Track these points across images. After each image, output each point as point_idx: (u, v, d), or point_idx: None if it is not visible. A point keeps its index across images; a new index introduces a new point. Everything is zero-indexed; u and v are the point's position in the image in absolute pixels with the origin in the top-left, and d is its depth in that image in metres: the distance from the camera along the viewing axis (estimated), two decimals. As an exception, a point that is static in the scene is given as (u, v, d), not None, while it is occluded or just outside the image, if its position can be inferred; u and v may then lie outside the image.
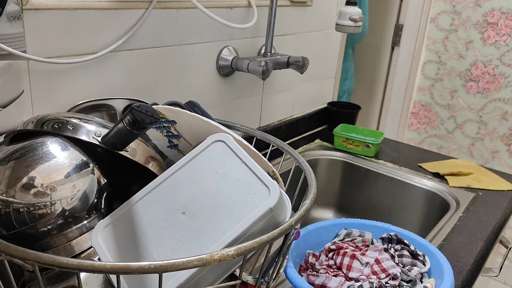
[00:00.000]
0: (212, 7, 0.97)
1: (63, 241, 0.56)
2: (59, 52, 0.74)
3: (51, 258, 0.41)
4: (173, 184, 0.57)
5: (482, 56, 2.03)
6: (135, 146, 0.61)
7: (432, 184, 1.17)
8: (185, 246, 0.52)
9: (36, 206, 0.53)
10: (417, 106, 2.28)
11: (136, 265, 0.42)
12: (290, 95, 1.33)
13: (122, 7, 0.80)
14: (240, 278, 0.51)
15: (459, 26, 2.06)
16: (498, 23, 1.96)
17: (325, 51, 1.42)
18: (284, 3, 1.18)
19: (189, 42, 0.96)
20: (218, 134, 0.60)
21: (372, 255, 0.76)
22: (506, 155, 2.09)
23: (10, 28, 0.66)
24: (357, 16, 1.10)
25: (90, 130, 0.59)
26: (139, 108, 0.49)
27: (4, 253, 0.42)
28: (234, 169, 0.56)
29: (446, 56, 2.13)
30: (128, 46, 0.84)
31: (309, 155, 1.31)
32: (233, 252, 0.45)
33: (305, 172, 0.67)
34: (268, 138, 0.77)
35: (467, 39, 2.05)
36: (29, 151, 0.56)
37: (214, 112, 1.08)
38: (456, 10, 2.05)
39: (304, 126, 1.42)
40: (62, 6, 0.72)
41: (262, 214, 0.51)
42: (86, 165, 0.58)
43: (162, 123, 0.69)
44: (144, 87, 0.90)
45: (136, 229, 0.55)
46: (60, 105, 0.77)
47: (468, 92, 2.11)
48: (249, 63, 1.01)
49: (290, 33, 1.23)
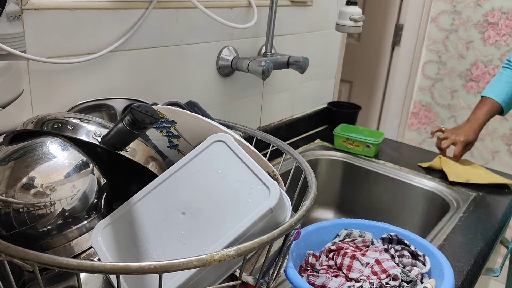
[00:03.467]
0: (212, 7, 0.97)
1: (63, 241, 0.56)
2: (59, 52, 0.74)
3: (51, 259, 0.41)
4: (173, 184, 0.57)
5: (483, 56, 2.03)
6: (135, 146, 0.61)
7: (432, 184, 1.17)
8: (185, 246, 0.52)
9: (36, 206, 0.53)
10: (418, 106, 2.28)
11: (136, 265, 0.42)
12: (290, 95, 1.33)
13: (122, 7, 0.80)
14: (240, 279, 0.51)
15: (460, 26, 2.06)
16: (499, 23, 1.96)
17: (325, 51, 1.42)
18: (284, 3, 1.18)
19: (189, 42, 0.95)
20: (218, 134, 0.60)
21: (372, 256, 0.76)
22: (506, 155, 2.09)
23: (10, 28, 0.66)
24: (357, 16, 1.10)
25: (90, 130, 0.58)
26: (139, 108, 0.49)
27: (4, 254, 0.42)
28: (234, 169, 0.56)
29: (446, 56, 2.13)
30: (128, 46, 0.84)
31: (309, 155, 1.31)
32: (233, 253, 0.45)
33: (305, 172, 0.67)
34: (268, 138, 0.77)
35: (468, 39, 2.05)
36: (29, 151, 0.56)
37: (214, 112, 1.08)
38: (457, 10, 2.05)
39: (304, 126, 1.42)
40: (62, 6, 0.72)
41: (262, 214, 0.51)
42: (86, 165, 0.58)
43: (162, 123, 0.69)
44: (144, 87, 0.90)
45: (136, 229, 0.55)
46: (60, 105, 0.77)
47: (468, 92, 2.11)
48: (249, 63, 1.01)
49: (290, 33, 1.23)
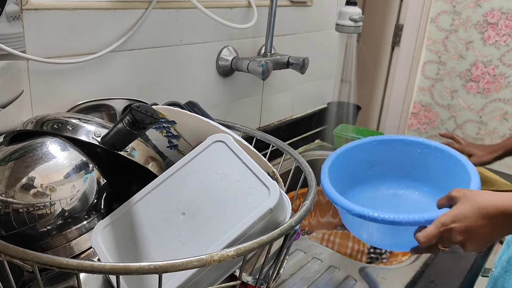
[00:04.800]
0: (212, 7, 0.97)
1: (63, 241, 0.56)
2: (58, 52, 0.74)
3: (51, 259, 0.41)
4: (173, 184, 0.57)
5: (482, 56, 2.03)
6: (135, 147, 0.61)
7: (432, 184, 1.17)
8: (184, 246, 0.52)
9: (35, 207, 0.53)
10: (417, 107, 2.28)
11: (135, 265, 0.42)
12: (290, 95, 1.33)
13: (122, 7, 0.80)
14: (240, 279, 0.51)
15: (459, 26, 2.06)
16: (498, 23, 1.96)
17: (325, 51, 1.42)
18: (284, 3, 1.18)
19: (189, 42, 0.95)
20: (218, 134, 0.60)
21: None
22: (506, 155, 2.08)
23: (9, 28, 0.66)
24: (357, 16, 1.10)
25: (89, 130, 0.58)
26: (139, 108, 0.49)
27: (4, 254, 0.42)
28: (234, 169, 0.56)
29: (446, 56, 2.13)
30: (128, 46, 0.84)
31: (309, 155, 1.31)
32: (233, 253, 0.45)
33: (305, 172, 0.67)
34: (268, 138, 0.77)
35: (467, 39, 2.05)
36: (28, 151, 0.56)
37: (214, 112, 1.08)
38: (456, 10, 2.05)
39: (304, 126, 1.42)
40: (61, 6, 0.72)
41: (262, 215, 0.51)
42: (85, 166, 0.58)
43: (161, 123, 0.69)
44: (144, 87, 0.90)
45: (135, 229, 0.55)
46: (60, 105, 0.77)
47: (468, 93, 2.11)
48: (249, 63, 1.01)
49: (290, 33, 1.23)
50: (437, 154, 0.86)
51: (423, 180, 0.89)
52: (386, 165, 0.90)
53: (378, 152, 0.90)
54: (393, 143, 0.89)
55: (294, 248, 0.88)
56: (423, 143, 0.87)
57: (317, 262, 0.85)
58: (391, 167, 0.90)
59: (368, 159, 0.90)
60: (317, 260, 0.86)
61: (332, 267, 0.84)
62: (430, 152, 0.86)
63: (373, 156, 0.90)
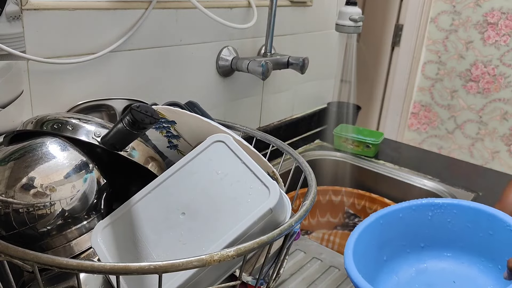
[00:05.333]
0: (212, 7, 0.97)
1: (63, 241, 0.56)
2: (58, 52, 0.74)
3: (51, 259, 0.41)
4: (173, 184, 0.57)
5: (482, 56, 2.03)
6: (135, 147, 0.61)
7: (432, 184, 1.17)
8: (184, 246, 0.52)
9: (35, 207, 0.53)
10: (417, 107, 2.28)
11: (135, 265, 0.42)
12: (290, 95, 1.33)
13: (122, 7, 0.80)
14: (240, 279, 0.51)
15: (459, 26, 2.06)
16: (498, 23, 1.96)
17: (325, 51, 1.42)
18: (284, 3, 1.18)
19: (189, 42, 0.95)
20: (218, 134, 0.60)
21: None
22: (506, 155, 2.09)
23: (9, 28, 0.66)
24: (357, 16, 1.10)
25: (89, 130, 0.58)
26: (139, 108, 0.49)
27: (4, 254, 0.42)
28: (234, 169, 0.56)
29: (446, 56, 2.13)
30: (128, 46, 0.84)
31: (309, 155, 1.31)
32: (233, 253, 0.45)
33: (305, 172, 0.67)
34: (268, 138, 0.77)
35: (467, 39, 2.05)
36: (28, 151, 0.56)
37: (214, 112, 1.08)
38: (456, 10, 2.05)
39: (304, 126, 1.42)
40: (61, 6, 0.72)
41: (262, 215, 0.51)
42: (85, 166, 0.58)
43: (161, 123, 0.69)
44: (144, 87, 0.90)
45: (135, 229, 0.55)
46: (60, 105, 0.77)
47: (468, 92, 2.11)
48: (249, 63, 1.01)
49: (290, 33, 1.23)
50: (453, 211, 0.76)
51: (443, 244, 0.77)
52: (396, 241, 0.77)
53: (385, 229, 0.76)
54: (399, 213, 0.77)
55: (294, 248, 0.88)
56: (433, 203, 0.77)
57: (317, 262, 0.85)
58: (401, 242, 0.78)
59: (377, 241, 0.76)
60: (317, 260, 0.86)
61: (332, 267, 0.84)
62: (444, 213, 0.76)
63: (381, 236, 0.76)
